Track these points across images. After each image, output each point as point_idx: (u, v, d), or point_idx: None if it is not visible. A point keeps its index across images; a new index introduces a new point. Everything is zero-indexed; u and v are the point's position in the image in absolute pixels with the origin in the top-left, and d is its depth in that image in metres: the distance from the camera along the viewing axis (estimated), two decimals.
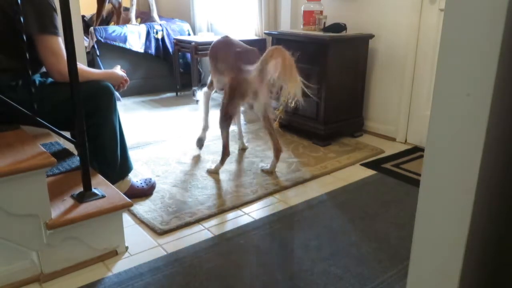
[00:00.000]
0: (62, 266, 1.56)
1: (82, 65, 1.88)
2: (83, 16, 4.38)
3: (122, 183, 2.02)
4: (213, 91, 2.71)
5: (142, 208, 2.02)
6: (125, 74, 2.05)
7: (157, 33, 4.21)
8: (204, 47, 3.84)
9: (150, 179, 2.20)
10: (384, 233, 1.83)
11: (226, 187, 2.25)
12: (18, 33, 1.51)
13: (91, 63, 3.84)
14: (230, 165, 2.56)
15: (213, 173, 2.43)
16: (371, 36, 2.95)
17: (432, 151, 0.73)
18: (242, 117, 3.01)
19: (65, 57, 1.62)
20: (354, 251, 1.70)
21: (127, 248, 1.72)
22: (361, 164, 2.59)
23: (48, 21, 1.70)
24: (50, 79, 1.85)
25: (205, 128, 2.80)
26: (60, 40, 1.74)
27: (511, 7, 0.60)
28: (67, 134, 1.70)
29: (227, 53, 2.45)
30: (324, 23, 2.99)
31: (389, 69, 2.99)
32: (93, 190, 1.66)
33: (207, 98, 2.74)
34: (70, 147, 2.10)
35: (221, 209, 2.02)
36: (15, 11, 1.53)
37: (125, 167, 2.03)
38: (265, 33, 3.50)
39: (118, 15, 4.60)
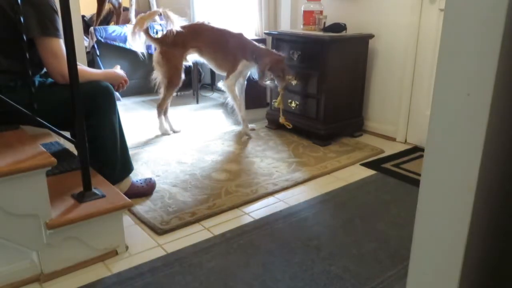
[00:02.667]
0: (62, 266, 1.56)
1: (82, 65, 1.88)
2: (83, 16, 4.38)
3: (122, 183, 2.02)
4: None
5: (142, 208, 2.02)
6: (124, 74, 2.05)
7: (157, 33, 4.21)
8: None
9: (150, 179, 2.20)
10: (384, 233, 1.83)
11: (226, 187, 2.25)
12: (19, 34, 1.51)
13: (91, 63, 3.84)
14: (230, 165, 2.56)
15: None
16: (371, 36, 2.95)
17: (432, 151, 0.73)
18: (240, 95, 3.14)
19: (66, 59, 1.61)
20: (354, 251, 1.70)
21: (127, 248, 1.72)
22: (361, 164, 2.59)
23: (50, 24, 1.70)
24: (49, 80, 1.85)
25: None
26: (62, 42, 1.73)
27: (511, 7, 0.60)
28: (67, 134, 1.71)
29: None
30: (324, 23, 2.99)
31: (389, 69, 2.99)
32: (93, 190, 1.66)
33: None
34: (70, 147, 2.10)
35: (221, 209, 2.02)
36: (15, 12, 1.53)
37: (125, 167, 2.03)
38: (265, 33, 3.50)
39: (118, 15, 4.59)
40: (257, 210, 2.04)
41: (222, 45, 2.97)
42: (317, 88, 2.86)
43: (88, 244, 1.60)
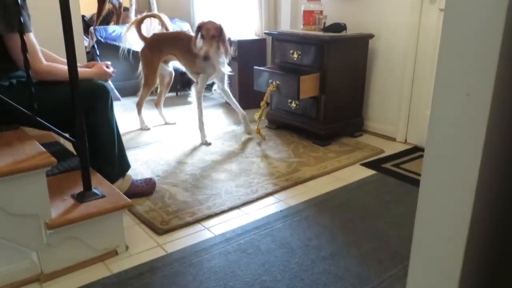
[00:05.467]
0: (62, 266, 1.56)
1: (60, 65, 1.81)
2: (83, 16, 4.38)
3: (122, 183, 2.02)
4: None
5: (142, 208, 2.02)
6: (110, 70, 2.00)
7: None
8: None
9: (150, 179, 2.20)
10: (384, 233, 1.83)
11: (226, 187, 2.25)
12: (19, 33, 1.51)
13: None
14: (230, 165, 2.56)
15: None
16: (371, 36, 2.95)
17: (432, 151, 0.73)
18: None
19: (39, 54, 1.57)
20: (354, 251, 1.70)
21: (127, 248, 1.72)
22: (361, 164, 2.59)
23: (16, 19, 1.61)
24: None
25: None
26: (31, 36, 1.67)
27: (511, 7, 0.60)
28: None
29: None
30: (324, 23, 2.99)
31: (389, 69, 2.99)
32: (93, 190, 1.66)
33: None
34: (70, 147, 2.10)
35: (221, 209, 2.02)
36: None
37: (123, 165, 2.03)
38: (265, 33, 3.50)
39: (118, 15, 4.59)
40: (257, 210, 2.04)
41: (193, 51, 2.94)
42: (317, 88, 2.86)
43: (88, 244, 1.60)
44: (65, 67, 1.79)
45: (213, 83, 3.14)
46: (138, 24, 3.16)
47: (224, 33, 2.78)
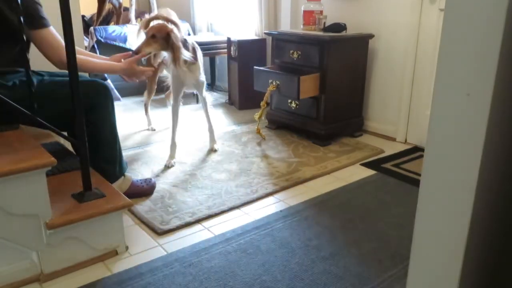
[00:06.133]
0: (62, 266, 1.56)
1: (87, 56, 1.89)
2: (83, 16, 4.38)
3: (122, 183, 2.02)
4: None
5: (142, 208, 2.02)
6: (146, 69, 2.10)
7: None
8: (204, 47, 3.84)
9: (150, 179, 2.20)
10: (384, 233, 1.83)
11: (226, 187, 2.25)
12: (19, 32, 1.51)
13: None
14: (230, 165, 2.56)
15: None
16: (371, 36, 2.95)
17: (432, 151, 0.73)
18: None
19: (63, 44, 1.60)
20: (354, 251, 1.70)
21: (127, 248, 1.72)
22: (361, 164, 2.59)
23: (36, 15, 1.71)
24: (46, 78, 1.84)
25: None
26: (53, 30, 1.75)
27: (511, 7, 0.60)
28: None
29: None
30: (324, 23, 2.99)
31: (389, 69, 2.99)
32: (93, 190, 1.66)
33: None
34: (70, 146, 2.10)
35: (221, 209, 2.02)
36: (14, 10, 1.53)
37: (122, 164, 2.03)
38: (265, 33, 3.50)
39: (118, 15, 4.59)
40: (257, 210, 2.04)
41: None
42: (317, 88, 2.86)
43: (88, 244, 1.60)
44: (94, 60, 1.95)
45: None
46: (146, 26, 3.13)
47: (174, 39, 2.50)
